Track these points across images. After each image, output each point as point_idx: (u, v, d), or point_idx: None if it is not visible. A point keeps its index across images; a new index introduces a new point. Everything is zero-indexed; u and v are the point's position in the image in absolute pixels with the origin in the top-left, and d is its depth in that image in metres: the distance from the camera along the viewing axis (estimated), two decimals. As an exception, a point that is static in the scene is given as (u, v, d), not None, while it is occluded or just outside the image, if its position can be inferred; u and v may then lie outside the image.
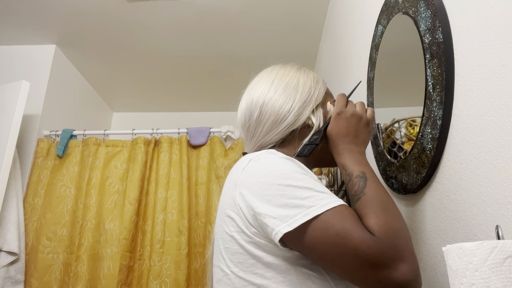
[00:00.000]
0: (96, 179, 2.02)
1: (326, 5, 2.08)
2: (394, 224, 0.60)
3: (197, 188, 2.06)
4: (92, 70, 2.66)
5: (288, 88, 0.83)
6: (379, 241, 0.57)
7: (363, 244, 0.57)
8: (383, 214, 0.61)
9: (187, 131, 2.15)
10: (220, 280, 0.71)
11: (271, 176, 0.66)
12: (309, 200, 0.61)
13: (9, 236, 1.80)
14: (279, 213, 0.62)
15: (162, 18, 2.18)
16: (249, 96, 0.86)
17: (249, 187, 0.67)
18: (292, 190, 0.63)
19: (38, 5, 2.08)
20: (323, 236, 0.59)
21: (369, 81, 1.16)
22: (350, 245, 0.57)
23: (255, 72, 0.92)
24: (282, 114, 0.81)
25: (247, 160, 0.72)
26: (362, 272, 0.57)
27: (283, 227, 0.60)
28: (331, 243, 0.59)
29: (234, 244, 0.68)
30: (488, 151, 0.60)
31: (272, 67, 0.90)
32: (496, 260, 0.43)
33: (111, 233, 1.90)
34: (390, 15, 1.00)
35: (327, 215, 0.60)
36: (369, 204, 0.63)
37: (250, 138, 0.84)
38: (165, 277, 1.83)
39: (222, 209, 0.73)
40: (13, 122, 1.85)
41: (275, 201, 0.63)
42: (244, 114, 0.86)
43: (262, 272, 0.65)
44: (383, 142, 1.03)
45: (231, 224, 0.69)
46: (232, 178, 0.73)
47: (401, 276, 0.55)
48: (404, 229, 0.61)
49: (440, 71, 0.73)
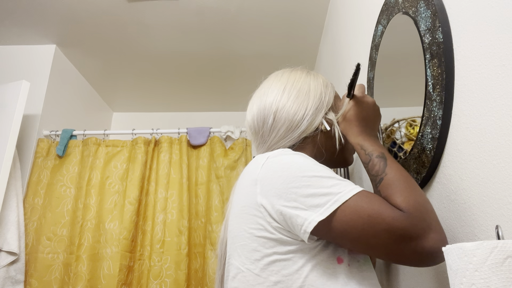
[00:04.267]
0: (96, 179, 2.02)
1: (326, 5, 2.08)
2: (419, 199, 0.64)
3: (197, 188, 2.06)
4: (92, 70, 2.66)
5: (300, 94, 0.85)
6: (409, 216, 0.61)
7: (396, 221, 0.61)
8: (407, 191, 0.65)
9: (187, 131, 2.15)
10: (234, 278, 0.71)
11: (293, 169, 0.68)
12: (335, 188, 0.65)
13: (9, 236, 1.80)
14: (309, 203, 0.64)
15: (162, 18, 2.18)
16: (260, 102, 0.87)
17: (271, 183, 0.69)
18: (318, 180, 0.66)
19: (38, 5, 2.08)
20: (355, 220, 0.62)
21: (369, 81, 1.16)
22: (383, 223, 0.61)
23: (258, 73, 0.93)
24: (296, 121, 0.82)
25: (264, 157, 0.73)
26: (398, 247, 0.61)
27: (316, 216, 0.63)
28: (365, 225, 0.62)
29: (252, 241, 0.69)
30: (488, 151, 0.60)
31: (282, 71, 0.91)
32: (496, 260, 0.43)
33: (111, 233, 1.90)
34: (390, 15, 1.00)
35: (355, 199, 0.63)
36: (393, 183, 0.67)
37: (263, 143, 0.86)
38: (165, 277, 1.83)
39: (240, 206, 0.74)
40: (13, 122, 1.85)
41: (302, 192, 0.65)
42: (257, 120, 0.86)
43: (279, 269, 0.66)
44: (383, 142, 1.03)
45: (251, 221, 0.70)
46: (250, 176, 0.74)
47: (432, 244, 0.60)
48: (428, 203, 0.65)
49: (440, 71, 0.73)
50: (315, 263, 0.66)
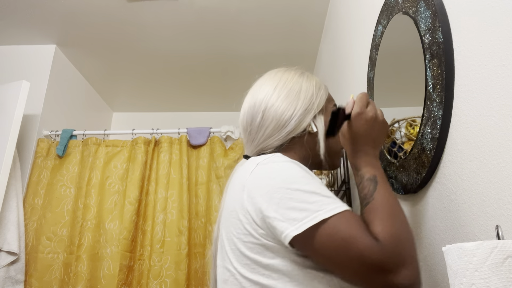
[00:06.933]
0: (96, 179, 2.02)
1: (326, 5, 2.08)
2: (399, 231, 0.62)
3: (197, 188, 2.06)
4: (92, 70, 2.66)
5: (290, 94, 0.84)
6: (384, 248, 0.59)
7: (368, 250, 0.59)
8: (389, 221, 0.63)
9: (187, 131, 2.15)
10: (226, 280, 0.72)
11: (279, 179, 0.67)
12: (316, 205, 0.63)
13: (9, 236, 1.80)
14: (287, 216, 0.63)
15: (162, 18, 2.18)
16: (252, 99, 0.87)
17: (257, 190, 0.68)
18: (300, 194, 0.64)
19: (38, 5, 2.08)
20: (330, 241, 0.61)
21: (369, 81, 1.16)
22: (356, 250, 0.59)
23: (258, 74, 0.93)
24: (284, 120, 0.82)
25: (254, 163, 0.73)
26: (367, 276, 0.60)
27: (292, 231, 0.62)
28: (338, 248, 0.61)
29: (241, 245, 0.69)
30: (488, 151, 0.60)
31: (276, 70, 0.91)
32: (496, 260, 0.43)
33: (111, 233, 1.90)
34: (390, 15, 1.00)
35: (334, 220, 0.62)
36: (377, 210, 0.65)
37: (251, 141, 0.85)
38: (165, 277, 1.83)
39: (229, 210, 0.74)
40: (13, 122, 1.85)
41: (283, 204, 0.64)
42: (246, 117, 0.86)
43: (269, 272, 0.66)
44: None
45: (239, 226, 0.70)
46: (239, 181, 0.74)
47: (402, 280, 0.58)
48: (409, 235, 0.63)
49: (440, 71, 0.73)
50: (305, 267, 0.66)
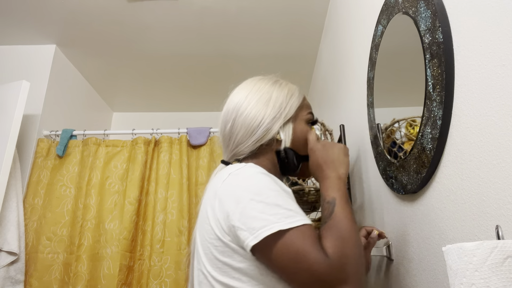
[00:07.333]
0: (96, 179, 2.01)
1: (326, 5, 2.08)
2: (348, 250, 0.66)
3: (197, 188, 2.06)
4: (92, 70, 2.66)
5: (259, 102, 0.87)
6: (330, 263, 0.63)
7: (316, 264, 0.63)
8: (339, 239, 0.67)
9: (187, 131, 2.15)
10: (201, 283, 0.75)
11: (246, 191, 0.71)
12: (275, 217, 0.66)
13: (9, 236, 1.80)
14: (248, 225, 0.67)
15: (162, 18, 2.18)
16: (226, 106, 0.91)
17: (226, 198, 0.72)
18: (262, 206, 0.68)
19: (38, 5, 2.08)
20: (284, 252, 0.65)
21: (369, 81, 1.16)
22: (306, 263, 0.64)
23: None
24: (252, 128, 0.85)
25: (227, 173, 0.76)
26: None
27: (251, 240, 0.66)
28: (291, 259, 0.65)
29: (213, 249, 0.73)
30: (488, 151, 0.60)
31: (253, 78, 0.95)
32: (496, 260, 0.43)
33: (111, 233, 1.90)
34: (390, 15, 1.00)
35: (291, 233, 0.65)
36: (331, 228, 0.69)
37: (226, 147, 0.90)
38: (165, 277, 1.83)
39: (203, 216, 0.78)
40: (13, 122, 1.85)
41: (245, 213, 0.68)
42: (221, 123, 0.91)
43: (239, 275, 0.69)
44: (383, 142, 1.03)
45: (211, 231, 0.73)
46: (213, 188, 0.78)
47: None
48: (356, 255, 0.67)
49: (440, 71, 0.73)
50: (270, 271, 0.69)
